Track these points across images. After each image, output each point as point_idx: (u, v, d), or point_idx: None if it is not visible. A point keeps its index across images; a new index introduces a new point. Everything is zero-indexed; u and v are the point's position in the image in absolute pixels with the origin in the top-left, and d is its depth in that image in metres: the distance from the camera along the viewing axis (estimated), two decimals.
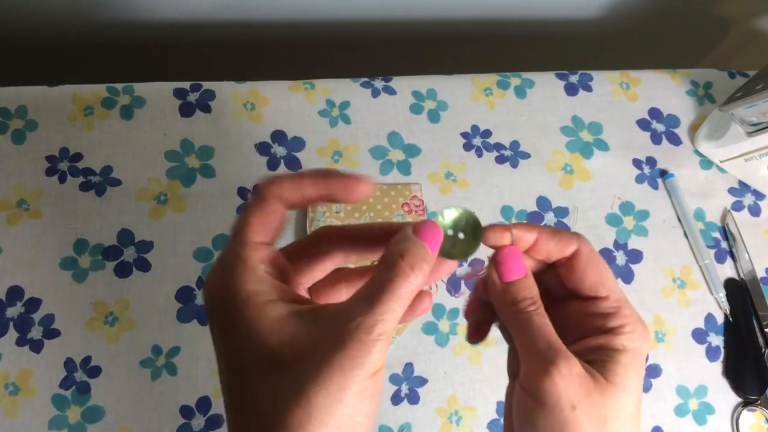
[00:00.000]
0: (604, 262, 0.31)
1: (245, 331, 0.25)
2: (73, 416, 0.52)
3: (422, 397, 0.56)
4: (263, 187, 0.28)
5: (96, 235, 0.57)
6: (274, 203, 0.28)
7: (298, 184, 0.28)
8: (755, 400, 0.60)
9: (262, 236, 0.27)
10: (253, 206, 0.28)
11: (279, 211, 0.28)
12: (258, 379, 0.24)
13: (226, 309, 0.25)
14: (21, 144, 0.59)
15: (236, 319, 0.25)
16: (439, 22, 0.86)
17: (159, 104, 0.62)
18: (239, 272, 0.26)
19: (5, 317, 0.54)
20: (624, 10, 0.88)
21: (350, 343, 0.23)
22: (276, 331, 0.24)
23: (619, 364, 0.28)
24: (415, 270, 0.25)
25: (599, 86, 0.71)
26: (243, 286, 0.25)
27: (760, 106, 0.59)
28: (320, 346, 0.24)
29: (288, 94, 0.65)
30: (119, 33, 0.78)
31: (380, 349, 0.24)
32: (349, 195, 0.28)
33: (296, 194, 0.28)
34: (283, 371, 0.24)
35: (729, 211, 0.67)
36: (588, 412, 0.27)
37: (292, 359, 0.24)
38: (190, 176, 0.60)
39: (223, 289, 0.26)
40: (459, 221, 0.29)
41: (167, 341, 0.55)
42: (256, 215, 0.27)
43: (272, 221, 0.27)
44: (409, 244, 0.26)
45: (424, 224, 0.27)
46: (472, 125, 0.67)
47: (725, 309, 0.63)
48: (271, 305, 0.25)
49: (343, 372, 0.23)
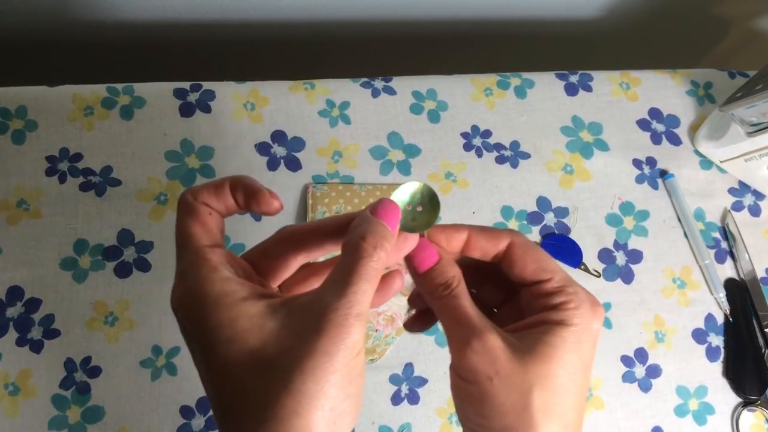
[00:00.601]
0: (541, 249, 0.32)
1: (225, 334, 0.25)
2: (73, 416, 0.52)
3: (422, 397, 0.56)
4: (187, 194, 0.28)
5: (96, 235, 0.57)
6: (203, 208, 0.28)
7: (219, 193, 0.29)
8: (755, 400, 0.60)
9: (208, 240, 0.28)
10: (184, 214, 0.28)
11: (213, 213, 0.28)
12: (245, 378, 0.25)
13: (199, 317, 0.25)
14: (21, 144, 0.59)
15: (212, 324, 0.25)
16: (439, 22, 0.86)
17: (159, 104, 0.62)
18: (202, 277, 0.26)
19: (5, 317, 0.54)
20: (624, 10, 0.88)
21: (329, 328, 0.24)
22: (255, 330, 0.25)
23: (554, 336, 0.29)
24: (377, 249, 0.26)
25: (599, 86, 0.71)
26: (210, 289, 0.26)
27: (760, 106, 0.59)
28: (301, 336, 0.24)
29: (288, 94, 0.65)
30: (119, 33, 0.78)
31: (358, 329, 0.25)
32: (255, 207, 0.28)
33: (219, 202, 0.29)
34: (269, 366, 0.24)
35: (729, 211, 0.67)
36: (505, 382, 0.27)
37: (276, 354, 0.24)
38: (190, 176, 0.60)
39: (191, 298, 0.26)
40: (415, 195, 0.29)
41: (167, 341, 0.55)
42: (192, 222, 0.28)
43: (210, 223, 0.28)
44: (368, 225, 0.27)
45: (381, 203, 0.27)
46: (472, 125, 0.67)
47: (725, 309, 0.63)
48: (243, 304, 0.25)
49: (328, 356, 0.24)
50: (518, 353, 0.28)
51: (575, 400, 0.29)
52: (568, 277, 0.32)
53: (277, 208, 0.29)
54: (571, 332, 0.29)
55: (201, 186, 0.29)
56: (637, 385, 0.59)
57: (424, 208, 0.29)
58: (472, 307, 0.30)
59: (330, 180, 0.62)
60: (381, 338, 0.57)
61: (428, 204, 0.29)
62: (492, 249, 0.32)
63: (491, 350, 0.28)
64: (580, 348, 0.29)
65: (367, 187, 0.62)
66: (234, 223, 0.59)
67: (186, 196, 0.28)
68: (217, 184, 0.29)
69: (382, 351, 0.57)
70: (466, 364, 0.28)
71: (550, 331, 0.29)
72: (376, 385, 0.56)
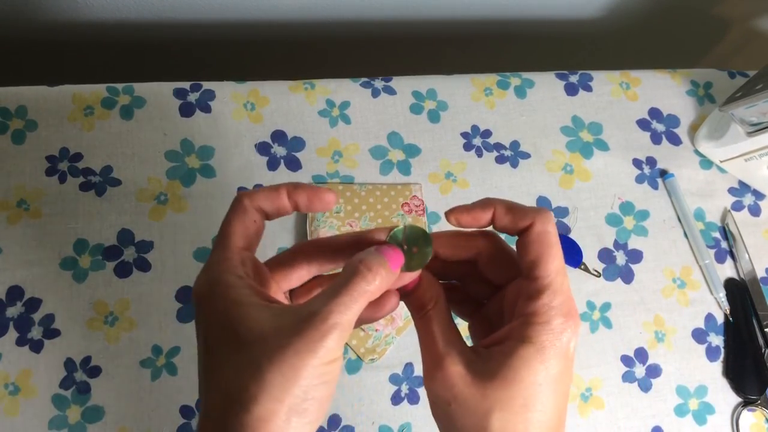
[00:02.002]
0: (555, 245, 0.31)
1: (221, 318, 0.28)
2: (73, 416, 0.52)
3: (422, 397, 0.56)
4: (244, 197, 0.31)
5: (96, 235, 0.57)
6: (253, 213, 0.31)
7: (275, 197, 0.31)
8: (755, 400, 0.60)
9: (242, 243, 0.31)
10: (234, 215, 0.31)
11: (258, 221, 0.31)
12: (225, 358, 0.27)
13: (210, 301, 0.29)
14: (21, 144, 0.59)
15: (216, 308, 0.28)
16: (439, 22, 0.86)
17: (159, 104, 0.62)
18: (222, 271, 0.29)
19: (5, 317, 0.54)
20: (624, 10, 0.88)
21: (306, 329, 0.26)
22: (246, 319, 0.27)
23: (516, 358, 0.29)
24: (372, 271, 0.28)
25: (599, 86, 0.71)
26: (223, 282, 0.29)
27: (760, 106, 0.59)
28: (281, 332, 0.26)
29: (288, 94, 0.65)
30: (120, 33, 0.78)
31: (335, 338, 0.26)
32: (317, 205, 0.31)
33: (272, 206, 0.31)
34: (247, 353, 0.26)
35: (729, 211, 0.67)
36: (463, 406, 0.29)
37: (255, 343, 0.26)
38: (190, 176, 0.60)
39: (206, 287, 0.29)
40: (410, 237, 0.31)
41: (167, 341, 0.55)
42: (237, 224, 0.31)
43: (251, 230, 0.31)
44: (370, 254, 0.29)
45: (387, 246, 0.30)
46: (472, 125, 0.67)
47: (725, 309, 0.63)
48: (245, 299, 0.28)
49: (298, 354, 0.26)
50: (478, 378, 0.29)
51: (543, 417, 0.29)
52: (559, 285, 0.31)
53: (333, 201, 0.31)
54: (536, 350, 0.29)
55: (258, 190, 0.31)
56: (637, 385, 0.59)
57: (419, 249, 0.31)
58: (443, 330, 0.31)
59: (330, 180, 0.62)
60: (381, 338, 0.57)
61: (422, 245, 0.31)
62: (512, 227, 0.32)
63: (449, 377, 0.29)
64: (546, 366, 0.29)
65: (367, 187, 0.62)
66: None
67: (243, 199, 0.31)
68: (273, 189, 0.31)
69: (382, 351, 0.57)
70: (428, 386, 0.31)
71: (513, 351, 0.29)
72: (376, 385, 0.56)
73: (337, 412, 0.55)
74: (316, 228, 0.59)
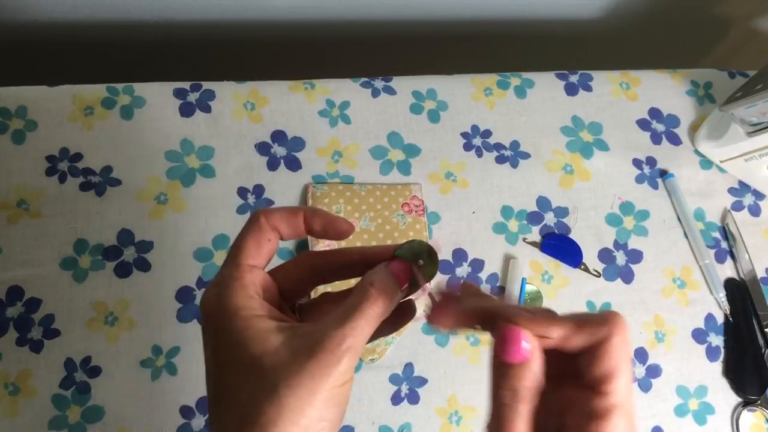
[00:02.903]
0: (630, 359, 0.27)
1: (234, 338, 0.28)
2: (73, 416, 0.52)
3: (422, 397, 0.56)
4: (261, 215, 0.31)
5: (96, 235, 0.57)
6: (269, 232, 0.31)
7: (291, 219, 0.31)
8: (755, 400, 0.60)
9: (254, 260, 0.30)
10: (249, 232, 0.31)
11: (272, 239, 0.31)
12: (239, 380, 0.27)
13: (219, 319, 0.29)
14: (21, 144, 0.59)
15: (227, 328, 0.28)
16: (439, 22, 0.86)
17: (159, 104, 0.62)
18: (232, 289, 0.29)
19: (5, 317, 0.54)
20: (624, 10, 0.88)
21: (321, 353, 0.26)
22: (260, 341, 0.27)
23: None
24: (382, 295, 0.29)
25: (599, 86, 0.71)
26: (234, 301, 0.29)
27: (760, 106, 0.59)
28: (295, 355, 0.27)
29: (288, 94, 0.65)
30: (120, 33, 0.78)
31: (348, 361, 0.27)
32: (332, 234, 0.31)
33: (289, 228, 0.31)
34: (262, 375, 0.27)
35: (729, 211, 0.67)
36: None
37: (270, 365, 0.27)
38: (190, 176, 0.60)
39: (216, 302, 0.29)
40: (415, 250, 0.32)
41: (167, 341, 0.55)
42: (251, 241, 0.30)
43: (265, 248, 0.31)
44: (380, 275, 0.29)
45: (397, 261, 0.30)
46: (472, 125, 0.67)
47: (725, 309, 0.63)
48: (257, 319, 0.28)
49: (313, 378, 0.26)
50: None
51: None
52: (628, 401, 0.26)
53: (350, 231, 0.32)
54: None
55: (276, 209, 0.31)
56: (637, 385, 0.59)
57: (425, 262, 0.32)
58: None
59: (330, 180, 0.62)
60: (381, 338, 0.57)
61: (427, 258, 0.32)
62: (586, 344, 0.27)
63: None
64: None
65: (367, 187, 0.62)
66: (235, 223, 0.59)
67: (259, 216, 0.31)
68: (291, 210, 0.31)
69: (382, 351, 0.57)
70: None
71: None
72: (376, 385, 0.56)
73: None
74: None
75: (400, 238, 0.59)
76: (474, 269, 0.61)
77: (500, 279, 0.61)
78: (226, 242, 0.58)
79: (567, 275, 0.62)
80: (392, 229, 0.60)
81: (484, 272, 0.61)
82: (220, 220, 0.59)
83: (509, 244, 0.62)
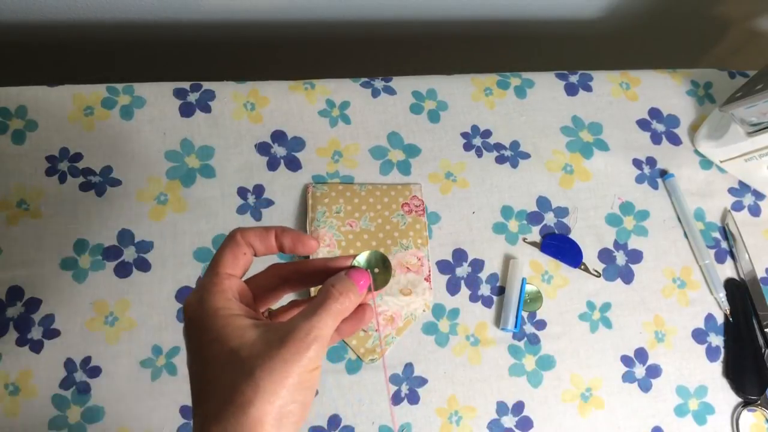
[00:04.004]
0: None
1: (215, 334, 0.32)
2: (73, 416, 0.52)
3: (422, 397, 0.56)
4: (237, 232, 0.35)
5: (96, 235, 0.57)
6: (244, 247, 0.35)
7: (264, 237, 0.35)
8: (755, 400, 0.60)
9: (232, 270, 0.35)
10: (227, 246, 0.35)
11: (248, 254, 0.35)
12: (220, 370, 0.31)
13: (201, 318, 0.33)
14: (21, 144, 0.59)
15: (208, 326, 0.32)
16: (439, 22, 0.86)
17: (159, 104, 0.62)
18: (212, 293, 0.33)
19: (5, 317, 0.54)
20: (624, 10, 0.88)
21: (292, 342, 0.31)
22: (237, 336, 0.31)
23: None
24: (342, 295, 0.33)
25: (599, 86, 0.71)
26: (214, 302, 0.33)
27: (760, 106, 0.59)
28: (269, 344, 0.31)
29: (288, 94, 0.65)
30: (120, 33, 0.79)
31: (316, 349, 0.31)
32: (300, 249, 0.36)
33: (262, 245, 0.36)
34: (240, 363, 0.30)
35: (729, 211, 0.67)
36: None
37: (248, 355, 0.31)
38: (190, 176, 0.60)
39: (198, 305, 0.33)
40: (370, 260, 0.36)
41: (167, 341, 0.55)
42: (229, 254, 0.35)
43: (241, 260, 0.35)
44: (340, 279, 0.34)
45: (355, 270, 0.35)
46: (472, 125, 0.67)
47: (725, 309, 0.63)
48: (235, 318, 0.32)
49: (285, 362, 0.30)
50: None
51: None
52: None
53: (315, 247, 0.36)
54: None
55: (251, 228, 0.36)
56: (637, 385, 0.59)
57: (380, 270, 0.36)
58: None
59: (330, 180, 0.62)
60: None
61: (382, 267, 0.36)
62: None
63: None
64: None
65: (367, 187, 0.62)
66: (235, 222, 0.59)
67: (236, 234, 0.35)
68: (264, 229, 0.36)
69: (382, 351, 0.57)
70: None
71: None
72: (376, 385, 0.56)
73: (337, 412, 0.55)
74: (317, 228, 0.59)
75: (401, 238, 0.59)
76: (474, 269, 0.61)
77: (500, 279, 0.61)
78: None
79: (567, 275, 0.62)
80: (392, 228, 0.60)
81: (484, 272, 0.61)
82: (220, 220, 0.59)
83: (509, 244, 0.62)
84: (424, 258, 0.59)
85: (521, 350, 0.59)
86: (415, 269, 0.59)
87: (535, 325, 0.60)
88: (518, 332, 0.59)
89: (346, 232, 0.59)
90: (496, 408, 0.57)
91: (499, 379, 0.58)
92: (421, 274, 0.59)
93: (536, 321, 0.60)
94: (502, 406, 0.57)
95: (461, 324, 0.59)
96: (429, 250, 0.60)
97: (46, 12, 0.73)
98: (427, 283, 0.59)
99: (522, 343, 0.59)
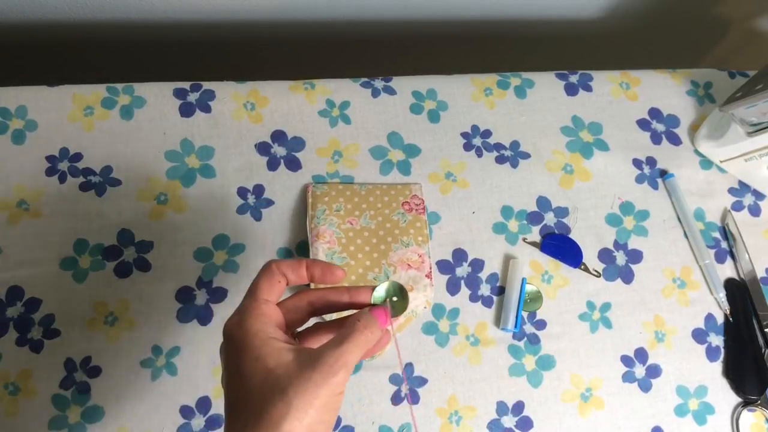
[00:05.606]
0: None
1: (255, 353, 0.35)
2: (73, 416, 0.52)
3: (422, 397, 0.56)
4: (273, 263, 0.39)
5: (96, 235, 0.57)
6: (279, 275, 0.39)
7: (296, 267, 0.40)
8: (755, 400, 0.60)
9: (268, 296, 0.39)
10: (264, 275, 0.39)
11: (282, 282, 0.39)
12: (256, 386, 0.34)
13: (241, 339, 0.36)
14: (21, 144, 0.59)
15: (248, 345, 0.36)
16: (439, 22, 0.86)
17: (159, 104, 0.62)
18: (252, 317, 0.37)
19: (5, 317, 0.54)
20: (624, 10, 0.88)
21: (322, 366, 0.34)
22: (274, 356, 0.35)
23: None
24: (367, 328, 0.37)
25: (599, 86, 0.71)
26: (254, 325, 0.37)
27: (760, 106, 0.59)
28: (302, 367, 0.34)
29: (288, 94, 0.65)
30: (120, 33, 0.79)
31: (343, 374, 0.35)
32: (329, 279, 0.40)
33: (294, 275, 0.40)
34: (275, 381, 0.34)
35: (729, 211, 0.67)
36: None
37: (283, 374, 0.34)
38: (190, 176, 0.60)
39: (239, 327, 0.37)
40: (389, 289, 0.40)
41: (167, 341, 0.55)
42: (266, 282, 0.39)
43: (275, 288, 0.39)
44: (364, 314, 0.38)
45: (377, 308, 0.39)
46: (472, 125, 0.67)
47: (725, 309, 0.63)
48: (272, 340, 0.36)
49: (316, 384, 0.34)
50: None
51: None
52: None
53: (342, 276, 0.41)
54: None
55: (284, 260, 0.40)
56: (637, 385, 0.59)
57: (398, 299, 0.40)
58: None
59: (330, 180, 0.62)
60: None
61: (399, 295, 0.40)
62: None
63: None
64: None
65: (367, 186, 0.62)
66: (235, 223, 0.59)
67: (271, 265, 0.39)
68: (296, 261, 0.40)
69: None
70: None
71: None
72: (376, 385, 0.56)
73: None
74: (317, 225, 0.59)
75: (401, 236, 0.59)
76: (474, 269, 0.61)
77: (500, 279, 0.61)
78: (226, 242, 0.59)
79: (567, 275, 0.62)
80: (393, 226, 0.60)
81: (484, 272, 0.61)
82: (220, 220, 0.59)
83: (509, 244, 0.62)
84: (425, 255, 0.59)
85: (521, 350, 0.59)
86: (416, 266, 0.59)
87: (535, 325, 0.60)
88: (518, 332, 0.59)
89: (346, 230, 0.59)
90: (496, 408, 0.57)
91: (499, 379, 0.58)
92: (422, 270, 0.59)
93: (536, 321, 0.60)
94: (502, 406, 0.57)
95: (461, 324, 0.59)
96: (429, 248, 0.60)
97: (46, 12, 0.73)
98: (428, 279, 0.59)
99: (522, 343, 0.59)
